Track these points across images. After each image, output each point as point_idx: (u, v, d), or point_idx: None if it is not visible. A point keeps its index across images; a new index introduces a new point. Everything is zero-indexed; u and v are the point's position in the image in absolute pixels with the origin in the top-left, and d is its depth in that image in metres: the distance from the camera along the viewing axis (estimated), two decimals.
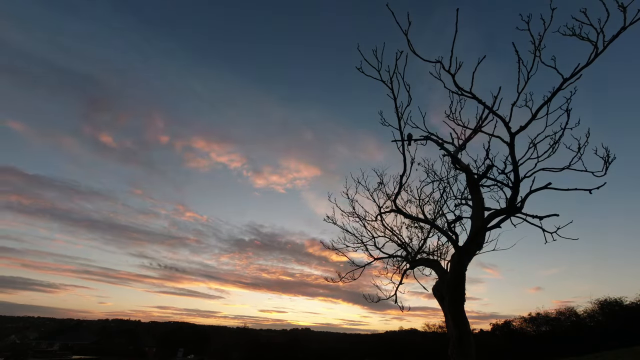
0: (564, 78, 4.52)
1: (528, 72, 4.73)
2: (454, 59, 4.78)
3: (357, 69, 5.20)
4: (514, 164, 5.11)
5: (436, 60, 4.94)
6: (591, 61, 4.35)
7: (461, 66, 4.83)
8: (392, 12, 4.64)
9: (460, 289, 5.72)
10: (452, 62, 4.81)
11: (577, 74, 4.44)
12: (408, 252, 8.32)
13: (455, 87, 5.05)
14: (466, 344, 5.47)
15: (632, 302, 28.38)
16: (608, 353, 21.57)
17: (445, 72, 4.94)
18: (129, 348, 53.28)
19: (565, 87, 4.59)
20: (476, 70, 4.82)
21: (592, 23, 4.17)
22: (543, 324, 33.30)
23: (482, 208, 6.18)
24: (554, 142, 5.37)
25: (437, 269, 7.04)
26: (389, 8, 4.63)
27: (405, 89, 5.35)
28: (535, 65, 4.67)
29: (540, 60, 4.62)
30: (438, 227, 7.16)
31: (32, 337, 60.64)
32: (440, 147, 6.63)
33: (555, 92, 4.65)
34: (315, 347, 50.28)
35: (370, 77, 5.32)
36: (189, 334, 63.79)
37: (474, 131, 6.31)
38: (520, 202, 5.39)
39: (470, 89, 5.01)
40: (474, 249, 5.88)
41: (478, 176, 6.37)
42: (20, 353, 39.84)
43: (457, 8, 4.44)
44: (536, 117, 4.92)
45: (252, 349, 46.73)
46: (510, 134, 4.95)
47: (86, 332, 63.90)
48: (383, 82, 5.34)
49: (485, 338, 35.44)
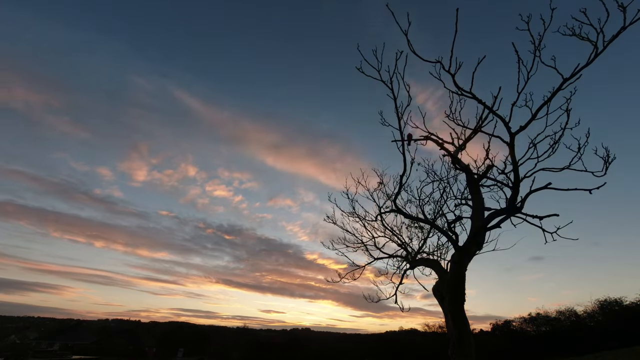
0: (564, 78, 4.52)
1: (528, 72, 4.73)
2: (454, 59, 4.79)
3: (357, 69, 5.21)
4: (514, 164, 5.11)
5: (436, 60, 4.94)
6: (591, 61, 4.35)
7: (461, 66, 4.83)
8: (392, 12, 4.64)
9: (460, 289, 5.72)
10: (452, 62, 4.81)
11: (577, 74, 4.45)
12: (408, 252, 8.32)
13: (455, 87, 5.05)
14: (466, 344, 5.47)
15: (632, 302, 28.40)
16: (608, 353, 21.57)
17: (445, 72, 4.94)
18: (129, 348, 53.26)
19: (565, 87, 4.59)
20: (476, 70, 4.83)
21: (592, 23, 4.17)
22: (543, 324, 33.31)
23: (482, 208, 6.17)
24: (554, 142, 5.37)
25: (437, 269, 7.04)
26: (388, 8, 4.64)
27: (405, 89, 5.36)
28: (535, 65, 4.67)
29: (540, 60, 4.62)
30: (438, 227, 7.16)
31: (32, 337, 60.62)
32: (440, 147, 6.63)
33: (555, 92, 4.65)
34: (315, 347, 50.26)
35: (370, 77, 5.33)
36: (189, 334, 63.75)
37: (474, 131, 6.31)
38: (520, 202, 5.39)
39: (470, 89, 5.02)
40: (474, 249, 5.88)
41: (478, 176, 6.37)
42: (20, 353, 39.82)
43: (457, 8, 4.44)
44: (536, 117, 4.92)
45: (252, 349, 46.75)
46: (510, 134, 4.95)
47: (86, 332, 63.84)
48: (383, 82, 5.34)
49: (485, 338, 35.43)
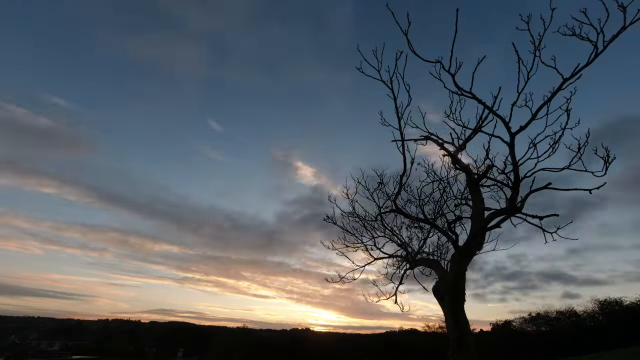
0: (564, 78, 4.52)
1: (528, 72, 4.73)
2: (454, 59, 4.79)
3: (357, 69, 5.21)
4: (514, 164, 5.11)
5: (436, 61, 4.94)
6: (591, 61, 4.35)
7: (461, 66, 4.84)
8: (392, 13, 4.65)
9: (460, 289, 5.73)
10: (452, 62, 4.81)
11: (577, 74, 4.45)
12: (408, 252, 8.32)
13: (455, 87, 5.06)
14: (466, 344, 5.47)
15: (632, 302, 28.41)
16: (608, 353, 21.58)
17: (445, 72, 4.95)
18: (129, 348, 53.32)
19: (565, 87, 4.59)
20: (476, 70, 4.83)
21: (592, 23, 4.17)
22: (543, 324, 33.33)
23: (482, 208, 6.18)
24: (554, 142, 5.37)
25: (437, 269, 7.04)
26: (388, 8, 4.64)
27: (405, 89, 5.36)
28: (535, 65, 4.67)
29: (540, 60, 4.62)
30: (438, 227, 7.16)
31: (32, 337, 60.67)
32: (440, 147, 6.63)
33: (555, 92, 4.66)
34: (315, 347, 50.30)
35: (370, 77, 5.33)
36: (189, 334, 63.83)
37: (474, 131, 6.31)
38: (520, 202, 5.39)
39: (470, 89, 5.02)
40: (474, 249, 5.89)
41: (478, 176, 6.37)
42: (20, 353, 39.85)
43: (457, 8, 4.44)
44: (536, 117, 4.92)
45: (252, 349, 46.78)
46: (510, 134, 4.95)
47: (86, 332, 63.93)
48: (383, 82, 5.35)
49: (485, 338, 35.45)
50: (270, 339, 57.91)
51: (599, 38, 4.20)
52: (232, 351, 49.07)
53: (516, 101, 4.86)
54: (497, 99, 4.97)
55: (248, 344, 49.45)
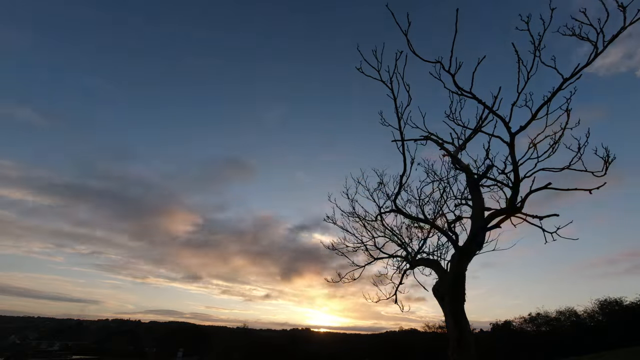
0: (564, 78, 4.52)
1: (528, 72, 4.73)
2: (454, 59, 4.79)
3: (357, 69, 5.21)
4: (514, 164, 5.11)
5: (436, 61, 4.94)
6: (591, 61, 4.35)
7: (461, 66, 4.83)
8: (392, 13, 4.64)
9: (460, 289, 5.72)
10: (452, 62, 4.81)
11: (577, 74, 4.45)
12: (408, 252, 8.31)
13: (455, 87, 5.05)
14: (466, 344, 5.46)
15: (632, 302, 28.37)
16: (608, 353, 21.56)
17: (445, 72, 4.94)
18: (129, 348, 53.30)
19: (565, 87, 4.59)
20: (476, 70, 4.83)
21: (592, 23, 4.17)
22: (543, 324, 33.30)
23: (482, 208, 6.17)
24: (554, 142, 5.37)
25: (437, 269, 7.03)
26: (388, 8, 4.64)
27: (405, 89, 5.36)
28: (535, 65, 4.67)
29: (540, 60, 4.62)
30: (438, 227, 7.15)
31: (32, 337, 60.67)
32: (440, 147, 6.63)
33: (555, 92, 4.65)
34: (315, 347, 50.28)
35: (370, 77, 5.33)
36: (189, 334, 63.75)
37: (474, 131, 6.31)
38: (520, 202, 5.38)
39: (470, 89, 5.02)
40: (474, 249, 5.88)
41: (478, 176, 6.37)
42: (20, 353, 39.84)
43: (457, 8, 4.44)
44: (536, 117, 4.92)
45: (252, 349, 46.73)
46: (510, 134, 4.95)
47: (86, 332, 63.93)
48: (383, 82, 5.34)
49: (485, 338, 35.42)
50: (270, 339, 57.83)
51: (599, 38, 4.20)
52: (232, 351, 49.01)
53: (516, 101, 4.86)
54: (497, 99, 4.97)
55: (248, 344, 49.38)
